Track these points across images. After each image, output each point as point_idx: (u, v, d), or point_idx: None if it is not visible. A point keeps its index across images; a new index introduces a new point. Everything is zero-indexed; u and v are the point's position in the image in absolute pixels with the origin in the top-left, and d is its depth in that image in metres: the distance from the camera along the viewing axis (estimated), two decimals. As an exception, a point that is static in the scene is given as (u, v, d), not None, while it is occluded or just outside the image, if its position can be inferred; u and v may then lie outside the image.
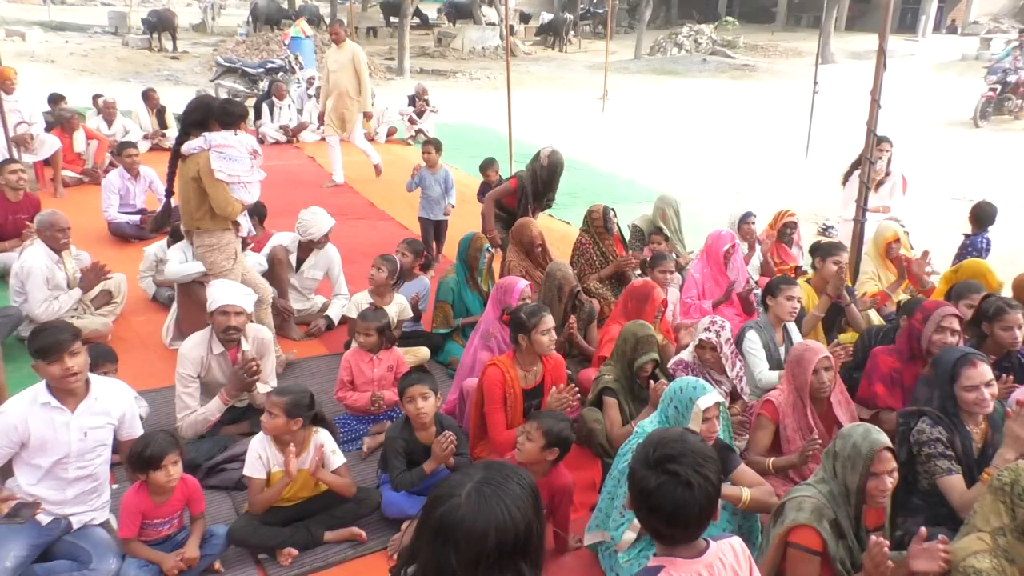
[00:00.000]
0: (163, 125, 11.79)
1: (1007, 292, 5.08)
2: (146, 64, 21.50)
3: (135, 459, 3.18)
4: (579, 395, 3.99)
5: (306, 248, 5.88)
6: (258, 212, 6.54)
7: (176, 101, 13.27)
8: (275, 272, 5.73)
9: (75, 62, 20.76)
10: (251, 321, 4.38)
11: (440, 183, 7.63)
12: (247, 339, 4.28)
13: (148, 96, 11.61)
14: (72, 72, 19.21)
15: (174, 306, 5.55)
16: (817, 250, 5.44)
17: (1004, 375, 3.87)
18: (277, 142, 13.07)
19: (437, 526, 1.58)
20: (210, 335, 4.16)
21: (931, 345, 3.94)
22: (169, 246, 5.91)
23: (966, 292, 4.63)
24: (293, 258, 5.86)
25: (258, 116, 13.40)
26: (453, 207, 7.84)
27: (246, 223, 5.32)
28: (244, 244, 5.40)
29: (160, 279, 6.17)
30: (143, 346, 5.53)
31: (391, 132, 13.84)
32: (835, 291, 5.04)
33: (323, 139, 13.45)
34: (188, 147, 4.63)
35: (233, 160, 4.64)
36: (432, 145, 7.77)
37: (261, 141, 13.05)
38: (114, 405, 3.37)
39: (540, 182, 6.55)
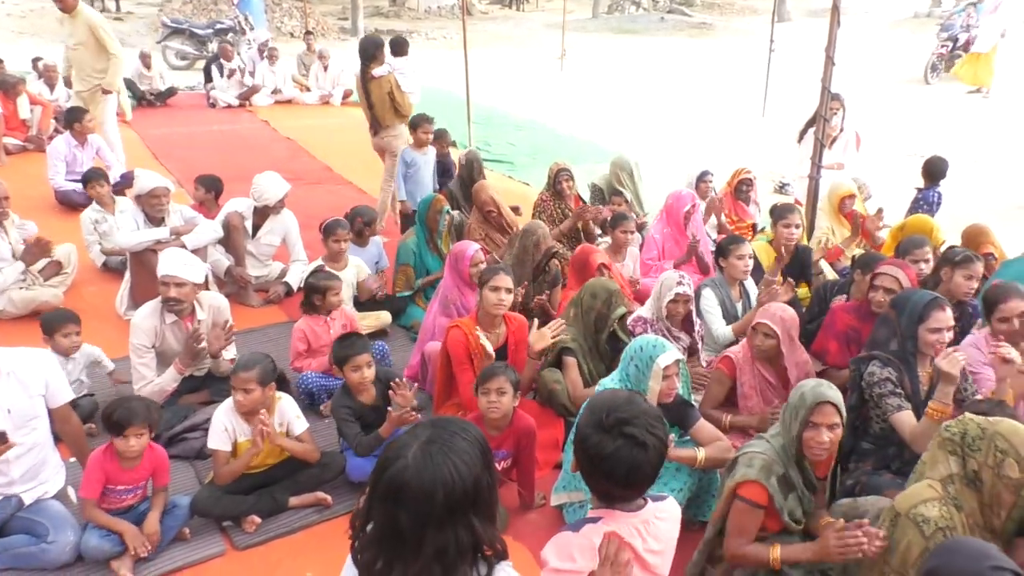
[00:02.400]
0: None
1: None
2: (88, 26, 20.66)
3: (106, 417, 3.14)
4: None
5: (262, 214, 5.78)
6: (214, 187, 6.38)
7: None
8: (231, 239, 5.63)
9: (12, 24, 19.89)
10: (206, 289, 4.30)
11: (430, 165, 7.09)
12: (202, 307, 4.20)
13: (91, 58, 11.17)
14: (9, 34, 18.43)
15: (127, 275, 5.42)
16: (773, 212, 5.51)
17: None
18: (229, 105, 12.75)
19: (385, 489, 1.62)
20: (162, 304, 4.08)
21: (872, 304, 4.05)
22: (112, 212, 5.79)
23: (911, 248, 4.75)
24: (249, 224, 5.75)
25: (208, 79, 13.03)
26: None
27: (175, 219, 5.43)
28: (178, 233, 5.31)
29: (109, 248, 6.02)
30: (96, 316, 5.40)
31: (347, 95, 13.58)
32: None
33: (276, 102, 13.24)
34: (378, 71, 6.85)
35: (407, 77, 7.30)
36: (420, 129, 6.97)
37: (212, 105, 12.75)
38: (31, 376, 3.19)
39: (464, 182, 6.68)
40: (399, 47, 7.79)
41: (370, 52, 6.82)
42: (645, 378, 3.24)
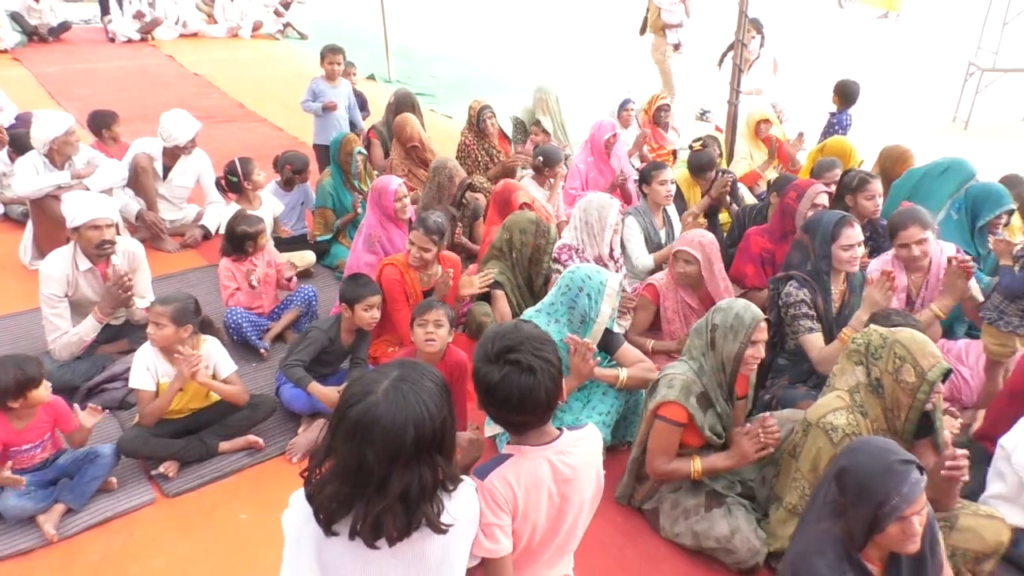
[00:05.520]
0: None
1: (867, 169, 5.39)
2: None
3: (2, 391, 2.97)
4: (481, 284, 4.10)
5: (172, 155, 5.52)
6: (103, 123, 5.92)
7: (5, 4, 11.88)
8: (141, 181, 5.38)
9: None
10: (119, 233, 4.12)
11: (342, 100, 6.70)
12: (116, 252, 4.03)
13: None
14: None
15: (29, 224, 5.14)
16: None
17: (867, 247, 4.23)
18: (129, 40, 12.01)
19: (354, 424, 1.61)
20: (74, 251, 3.88)
21: None
22: (12, 160, 5.42)
23: (822, 171, 4.90)
24: (159, 166, 5.49)
25: (105, 11, 12.22)
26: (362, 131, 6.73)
27: (83, 158, 5.16)
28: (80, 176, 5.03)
29: (9, 196, 5.68)
30: None
31: (256, 26, 12.98)
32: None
33: (180, 36, 12.54)
34: None
35: None
36: (326, 60, 6.56)
37: (111, 40, 12.01)
38: None
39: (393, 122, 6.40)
40: None
41: None
42: (597, 305, 3.31)
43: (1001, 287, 3.55)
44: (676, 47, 8.42)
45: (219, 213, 5.60)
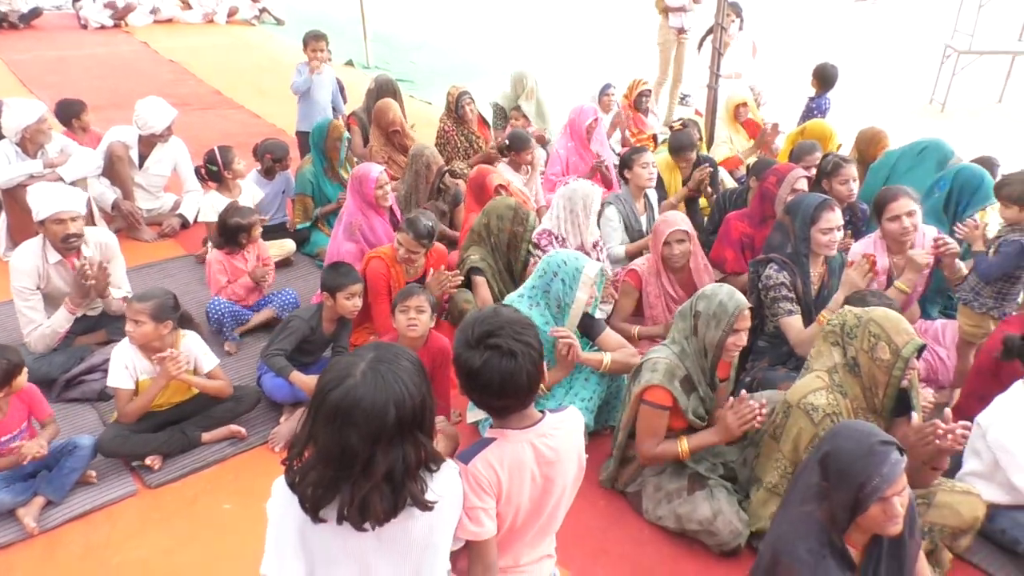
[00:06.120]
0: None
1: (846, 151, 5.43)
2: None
3: None
4: (460, 280, 4.05)
5: (148, 143, 5.45)
6: (71, 113, 5.73)
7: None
8: (116, 170, 5.31)
9: None
10: (91, 224, 4.06)
11: (326, 87, 6.60)
12: (87, 244, 3.95)
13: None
14: None
15: (3, 214, 5.06)
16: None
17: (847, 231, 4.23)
18: (102, 26, 11.82)
19: (335, 408, 1.61)
20: (43, 244, 3.82)
21: None
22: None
23: (802, 154, 4.91)
24: (134, 154, 5.42)
25: (76, -4, 12.02)
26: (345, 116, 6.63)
27: (56, 147, 5.00)
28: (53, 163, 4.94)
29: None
30: (-27, 260, 5.05)
31: (232, 12, 12.81)
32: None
33: (155, 22, 12.35)
34: None
35: None
36: (309, 47, 6.30)
37: (84, 26, 11.81)
38: None
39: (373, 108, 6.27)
40: None
41: None
42: (572, 291, 3.31)
43: (979, 272, 3.59)
44: (680, 32, 8.14)
45: (197, 202, 5.53)
